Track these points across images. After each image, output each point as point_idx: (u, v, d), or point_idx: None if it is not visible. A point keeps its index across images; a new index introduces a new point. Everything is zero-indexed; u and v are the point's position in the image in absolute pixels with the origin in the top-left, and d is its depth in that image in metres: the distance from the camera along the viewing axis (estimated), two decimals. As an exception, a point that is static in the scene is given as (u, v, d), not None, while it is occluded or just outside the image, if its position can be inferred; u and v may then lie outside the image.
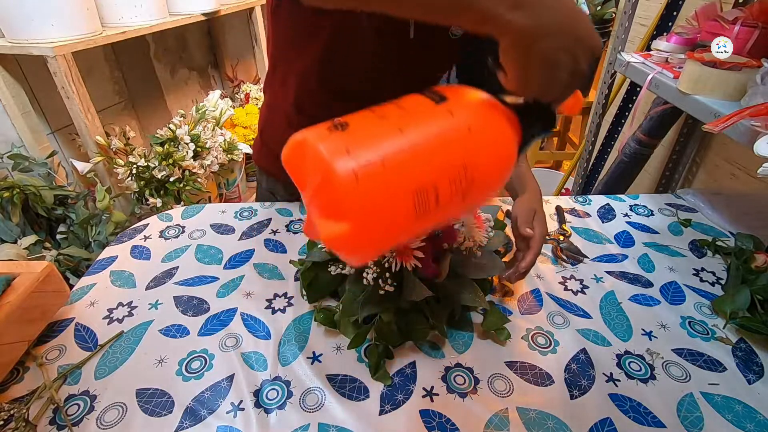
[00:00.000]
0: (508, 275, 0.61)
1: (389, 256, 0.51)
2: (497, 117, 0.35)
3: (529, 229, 0.61)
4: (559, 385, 0.52)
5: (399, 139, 0.31)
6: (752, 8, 0.89)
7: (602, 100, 1.34)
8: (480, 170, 0.33)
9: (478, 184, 0.34)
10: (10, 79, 1.23)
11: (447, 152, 0.32)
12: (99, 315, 0.62)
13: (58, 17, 1.15)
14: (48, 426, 0.47)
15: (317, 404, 0.50)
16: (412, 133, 0.31)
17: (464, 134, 0.33)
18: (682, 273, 0.71)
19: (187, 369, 0.54)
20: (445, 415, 0.49)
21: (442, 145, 0.32)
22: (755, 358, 0.56)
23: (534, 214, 0.64)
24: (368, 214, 0.30)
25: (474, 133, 0.33)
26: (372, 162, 0.29)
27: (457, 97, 0.35)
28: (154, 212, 1.38)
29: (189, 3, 1.61)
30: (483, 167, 0.34)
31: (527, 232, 0.60)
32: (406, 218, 0.31)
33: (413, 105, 0.34)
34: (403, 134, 0.31)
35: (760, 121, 0.69)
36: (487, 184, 0.35)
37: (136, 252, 0.75)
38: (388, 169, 0.30)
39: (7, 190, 1.11)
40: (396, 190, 0.30)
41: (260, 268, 0.71)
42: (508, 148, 0.36)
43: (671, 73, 0.97)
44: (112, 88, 1.68)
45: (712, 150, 1.28)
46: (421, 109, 0.33)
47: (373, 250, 0.34)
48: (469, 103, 0.35)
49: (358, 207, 0.29)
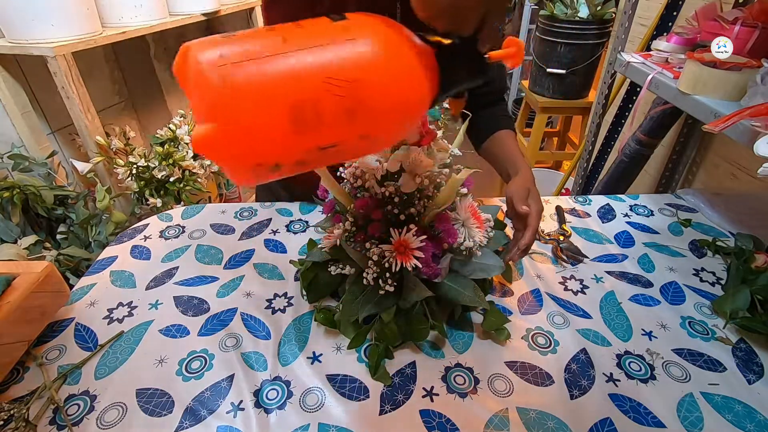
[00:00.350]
0: (510, 255, 0.61)
1: (389, 256, 0.51)
2: (400, 46, 0.34)
3: (525, 206, 0.61)
4: (559, 385, 0.52)
5: (279, 48, 0.30)
6: (752, 8, 0.89)
7: (602, 100, 1.34)
8: (371, 92, 0.32)
9: (370, 108, 0.32)
10: (10, 79, 1.23)
11: (331, 65, 0.31)
12: (99, 315, 0.62)
13: (58, 17, 1.15)
14: (48, 426, 0.47)
15: (317, 404, 0.50)
16: (296, 44, 0.30)
17: (354, 52, 0.32)
18: (682, 273, 0.71)
19: (187, 369, 0.54)
20: (445, 415, 0.49)
21: (326, 58, 0.31)
22: (755, 358, 0.56)
23: (528, 193, 0.64)
24: (235, 116, 0.29)
25: (366, 53, 0.32)
26: (243, 65, 0.29)
27: (359, 19, 0.34)
28: (154, 212, 1.38)
29: (189, 3, 1.61)
30: (375, 90, 0.32)
31: (523, 209, 0.61)
32: (281, 129, 0.30)
33: (311, 22, 0.33)
34: (286, 44, 0.30)
35: (760, 121, 0.69)
36: (382, 111, 0.33)
37: (136, 252, 0.75)
38: (261, 75, 0.29)
39: (7, 190, 1.11)
40: (269, 97, 0.29)
41: (260, 268, 0.71)
42: (412, 80, 0.34)
43: (671, 73, 0.97)
44: (112, 88, 1.69)
45: (712, 150, 1.28)
46: (316, 25, 0.33)
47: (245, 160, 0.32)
48: (367, 25, 0.34)
49: (223, 107, 0.29)
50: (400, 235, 0.52)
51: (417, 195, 0.53)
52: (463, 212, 0.58)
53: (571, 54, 1.91)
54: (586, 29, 1.86)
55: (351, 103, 0.31)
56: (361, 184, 0.54)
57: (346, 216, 0.56)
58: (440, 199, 0.54)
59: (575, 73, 1.95)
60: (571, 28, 1.86)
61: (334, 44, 0.32)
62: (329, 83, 0.30)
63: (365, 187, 0.54)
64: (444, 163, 0.58)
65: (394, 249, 0.51)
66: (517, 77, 2.93)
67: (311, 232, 0.80)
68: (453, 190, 0.53)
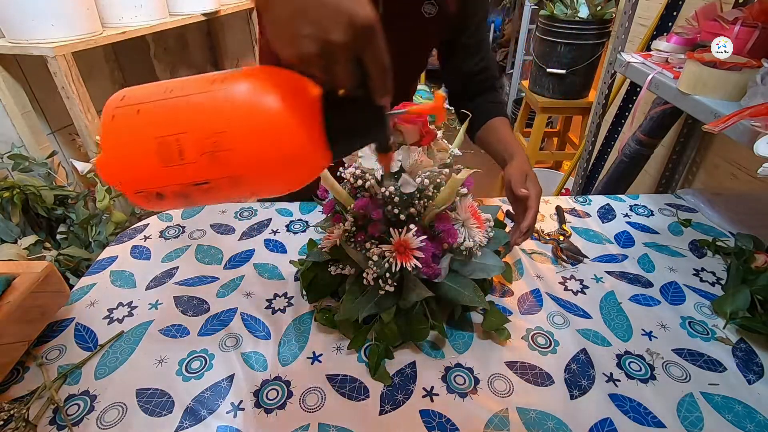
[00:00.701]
0: (513, 239, 0.61)
1: (389, 256, 0.51)
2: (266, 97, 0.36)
3: (523, 189, 0.61)
4: (559, 385, 0.52)
5: (160, 95, 0.37)
6: (752, 8, 0.90)
7: (602, 100, 1.34)
8: (229, 139, 0.36)
9: (230, 153, 0.36)
10: (10, 79, 1.23)
11: (196, 113, 0.36)
12: (99, 315, 0.62)
13: (58, 17, 1.15)
14: (48, 426, 0.47)
15: (317, 404, 0.50)
16: (176, 93, 0.37)
17: (220, 102, 0.36)
18: (682, 273, 0.71)
19: (187, 369, 0.54)
20: (445, 415, 0.49)
21: (192, 107, 0.36)
22: (755, 358, 0.56)
23: (526, 176, 0.64)
24: (115, 146, 0.37)
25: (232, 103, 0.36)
26: (129, 106, 0.36)
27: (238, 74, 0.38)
28: (154, 212, 1.38)
29: (189, 3, 1.61)
30: (233, 137, 0.36)
31: (522, 192, 0.61)
32: (149, 161, 0.36)
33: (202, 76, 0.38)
34: (165, 92, 0.37)
35: (760, 121, 0.69)
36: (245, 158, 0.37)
37: (136, 252, 0.75)
38: (139, 115, 0.36)
39: (7, 190, 1.11)
40: (140, 133, 0.36)
41: (260, 268, 0.71)
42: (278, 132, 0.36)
43: (671, 73, 0.97)
44: (112, 88, 1.69)
45: (712, 150, 1.28)
46: (204, 77, 0.38)
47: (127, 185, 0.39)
48: (244, 77, 0.37)
49: (108, 139, 0.36)
50: (400, 235, 0.52)
51: (417, 195, 0.53)
52: (463, 212, 0.58)
53: (571, 54, 1.91)
54: (586, 29, 1.86)
55: (209, 147, 0.36)
56: (361, 184, 0.54)
57: (346, 216, 0.56)
58: (440, 199, 0.54)
59: (575, 73, 1.95)
60: (571, 28, 1.86)
61: (205, 93, 0.37)
62: (189, 126, 0.36)
63: (365, 187, 0.54)
64: (444, 163, 0.58)
65: (394, 249, 0.51)
66: (517, 77, 2.93)
67: (311, 232, 0.80)
68: (453, 190, 0.53)
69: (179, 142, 0.36)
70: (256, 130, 0.36)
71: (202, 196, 0.40)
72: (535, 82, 2.12)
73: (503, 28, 3.88)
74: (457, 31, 0.79)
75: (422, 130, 0.52)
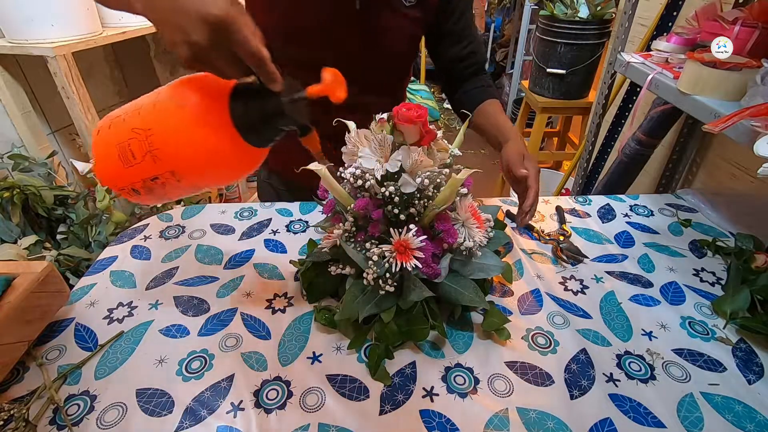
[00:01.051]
0: (518, 219, 0.62)
1: (389, 256, 0.51)
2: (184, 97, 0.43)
3: (523, 170, 0.62)
4: (559, 385, 0.52)
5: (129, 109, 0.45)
6: (752, 8, 0.89)
7: (602, 100, 1.34)
8: (159, 138, 0.42)
9: (163, 151, 0.43)
10: (10, 79, 1.23)
11: (138, 119, 0.43)
12: (99, 315, 0.62)
13: (58, 17, 1.15)
14: (48, 426, 0.47)
15: (317, 404, 0.50)
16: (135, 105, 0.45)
17: (151, 108, 0.44)
18: (682, 273, 0.71)
19: (187, 369, 0.54)
20: (445, 415, 0.49)
21: (136, 115, 0.44)
22: (755, 358, 0.56)
23: (523, 158, 0.65)
24: (98, 155, 0.46)
25: (155, 107, 0.43)
26: (108, 121, 0.46)
27: (175, 82, 0.44)
28: (154, 212, 1.38)
29: (189, 3, 1.61)
30: (161, 136, 0.43)
31: (522, 172, 0.62)
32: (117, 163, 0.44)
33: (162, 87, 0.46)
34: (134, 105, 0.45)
35: (760, 121, 0.69)
36: (174, 154, 0.43)
37: (136, 252, 0.75)
38: (110, 128, 0.45)
39: (7, 190, 1.12)
40: (108, 142, 0.45)
41: (260, 268, 0.71)
42: (194, 129, 0.42)
43: (671, 73, 0.97)
44: (112, 88, 1.69)
45: (712, 150, 1.28)
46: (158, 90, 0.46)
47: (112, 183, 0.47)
48: (170, 86, 0.44)
49: (94, 149, 0.46)
50: (400, 235, 0.52)
51: (417, 195, 0.53)
52: (463, 212, 0.58)
53: (571, 54, 1.91)
54: (586, 29, 1.86)
55: (147, 147, 0.43)
56: (361, 184, 0.54)
57: (346, 216, 0.56)
58: (440, 199, 0.54)
59: (575, 73, 1.95)
60: (571, 28, 1.86)
61: (150, 102, 0.44)
62: (133, 131, 0.43)
63: (365, 187, 0.54)
64: (444, 163, 0.58)
65: (394, 249, 0.51)
66: (517, 77, 2.93)
67: (311, 232, 0.80)
68: (453, 190, 0.53)
69: (130, 146, 0.43)
70: (171, 127, 0.42)
71: (161, 189, 0.46)
72: (535, 82, 2.12)
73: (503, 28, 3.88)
74: (440, 17, 0.79)
75: (422, 130, 0.52)
